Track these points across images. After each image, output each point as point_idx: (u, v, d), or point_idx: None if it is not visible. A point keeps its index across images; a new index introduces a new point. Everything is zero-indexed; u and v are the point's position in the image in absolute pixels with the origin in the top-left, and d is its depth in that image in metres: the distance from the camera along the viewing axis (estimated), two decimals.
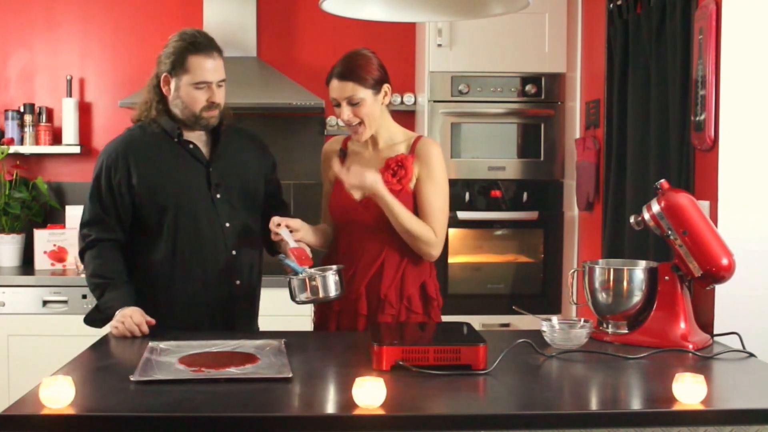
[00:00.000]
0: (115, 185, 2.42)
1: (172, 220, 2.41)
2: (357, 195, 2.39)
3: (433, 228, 2.41)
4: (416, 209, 2.42)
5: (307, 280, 2.27)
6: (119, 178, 2.42)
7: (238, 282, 2.47)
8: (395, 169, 2.41)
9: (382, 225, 2.40)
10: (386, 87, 2.44)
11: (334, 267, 2.32)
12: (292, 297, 2.31)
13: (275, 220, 2.36)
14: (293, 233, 2.37)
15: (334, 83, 2.40)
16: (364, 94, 2.38)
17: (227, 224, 2.46)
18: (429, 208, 2.42)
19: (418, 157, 2.43)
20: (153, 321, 2.30)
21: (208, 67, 2.38)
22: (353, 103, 2.38)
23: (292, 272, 2.30)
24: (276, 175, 2.66)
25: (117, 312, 2.30)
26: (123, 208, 2.42)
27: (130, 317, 2.27)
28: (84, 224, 2.46)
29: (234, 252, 2.46)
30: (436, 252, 2.44)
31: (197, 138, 2.48)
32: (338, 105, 2.42)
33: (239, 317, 2.50)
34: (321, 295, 2.29)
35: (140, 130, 2.48)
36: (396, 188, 2.39)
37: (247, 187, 2.52)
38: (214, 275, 2.44)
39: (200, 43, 2.39)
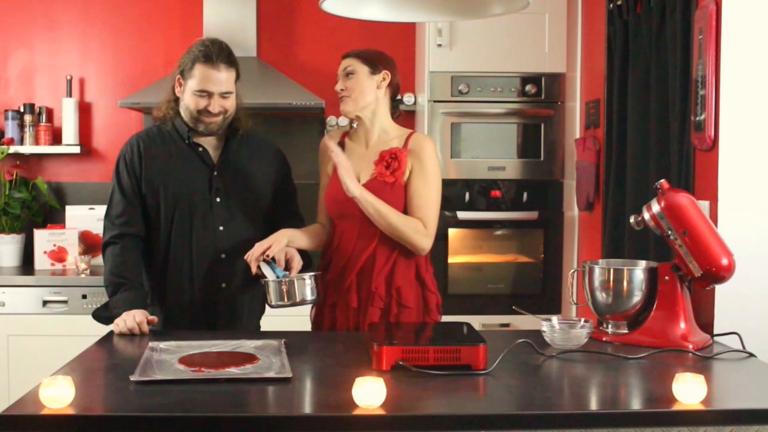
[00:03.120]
0: (132, 179, 2.51)
1: (169, 217, 2.49)
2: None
3: (422, 220, 2.43)
4: (407, 202, 2.45)
5: (282, 285, 2.31)
6: (134, 170, 2.51)
7: (223, 285, 2.51)
8: (389, 161, 2.44)
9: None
10: (385, 73, 2.51)
11: (310, 272, 2.36)
12: (268, 302, 2.36)
13: (257, 251, 2.35)
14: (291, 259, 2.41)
15: (341, 62, 2.53)
16: (359, 68, 2.49)
17: (221, 228, 2.51)
18: (421, 201, 2.44)
19: (412, 151, 2.47)
20: (155, 319, 2.34)
21: (211, 78, 2.44)
22: (347, 74, 2.50)
23: (271, 276, 2.34)
24: (289, 186, 2.68)
25: (123, 313, 2.35)
26: (142, 199, 2.51)
27: (133, 316, 2.31)
28: (109, 215, 2.53)
29: (223, 255, 2.51)
30: (427, 244, 2.45)
31: (208, 142, 2.55)
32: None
33: (221, 320, 2.53)
34: (297, 299, 2.32)
35: (157, 129, 2.58)
36: (389, 180, 2.43)
37: (249, 195, 2.56)
38: (201, 275, 2.50)
39: (209, 55, 2.45)
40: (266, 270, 2.36)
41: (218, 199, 2.51)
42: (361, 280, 2.45)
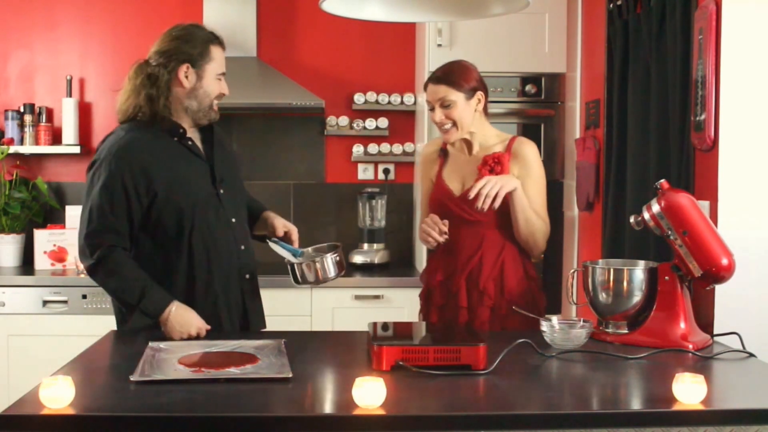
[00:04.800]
0: (131, 191, 2.29)
1: (188, 220, 2.35)
2: (486, 205, 2.41)
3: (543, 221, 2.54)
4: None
5: (310, 264, 2.36)
6: (136, 184, 2.30)
7: (247, 276, 2.48)
8: (492, 165, 2.50)
9: (479, 218, 2.48)
10: (480, 94, 2.54)
11: (332, 244, 2.43)
12: (295, 280, 2.38)
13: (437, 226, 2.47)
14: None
15: (430, 87, 2.53)
16: (455, 97, 2.49)
17: (233, 219, 2.46)
18: (533, 204, 2.51)
19: (515, 156, 2.53)
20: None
21: (223, 60, 2.45)
22: (445, 105, 2.49)
23: (288, 255, 2.39)
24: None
25: (172, 306, 2.26)
26: (136, 213, 2.31)
27: (193, 321, 2.27)
28: (93, 233, 2.29)
29: (243, 247, 2.47)
30: (545, 244, 2.56)
31: (192, 135, 2.45)
32: (432, 108, 2.53)
33: (252, 313, 2.50)
34: (321, 276, 2.37)
35: (139, 132, 2.36)
36: None
37: (239, 182, 2.57)
38: (229, 272, 2.43)
39: (216, 35, 2.45)
40: (277, 248, 2.38)
41: (222, 191, 2.43)
42: (470, 282, 2.50)
